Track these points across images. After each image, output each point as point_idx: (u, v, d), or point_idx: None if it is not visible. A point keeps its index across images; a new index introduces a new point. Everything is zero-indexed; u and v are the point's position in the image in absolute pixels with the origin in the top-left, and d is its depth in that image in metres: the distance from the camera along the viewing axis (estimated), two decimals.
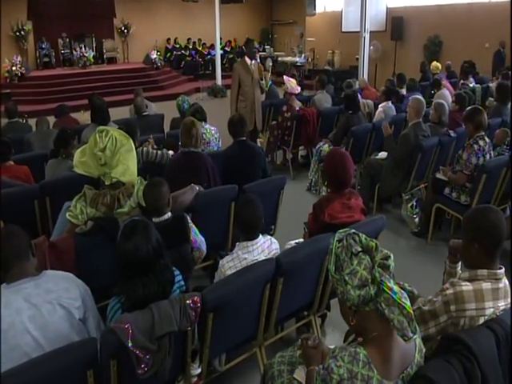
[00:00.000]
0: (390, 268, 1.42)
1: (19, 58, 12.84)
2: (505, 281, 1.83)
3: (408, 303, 1.38)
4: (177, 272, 2.20)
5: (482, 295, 1.76)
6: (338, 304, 1.53)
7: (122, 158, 2.58)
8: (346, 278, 1.40)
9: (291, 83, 6.21)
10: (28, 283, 1.81)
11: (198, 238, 2.66)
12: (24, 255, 1.85)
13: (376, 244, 1.45)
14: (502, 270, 1.84)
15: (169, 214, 2.55)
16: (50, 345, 1.77)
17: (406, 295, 1.41)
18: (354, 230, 1.49)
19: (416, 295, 1.97)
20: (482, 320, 1.75)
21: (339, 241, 1.46)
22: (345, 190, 2.84)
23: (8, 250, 1.81)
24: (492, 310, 1.76)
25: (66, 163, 3.75)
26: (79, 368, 1.72)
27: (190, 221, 2.65)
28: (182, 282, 2.25)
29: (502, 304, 1.79)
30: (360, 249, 1.43)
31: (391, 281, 1.40)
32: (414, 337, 1.38)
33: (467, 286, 1.79)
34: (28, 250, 1.88)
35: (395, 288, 1.39)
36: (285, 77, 6.48)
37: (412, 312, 1.37)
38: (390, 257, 1.44)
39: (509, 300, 1.82)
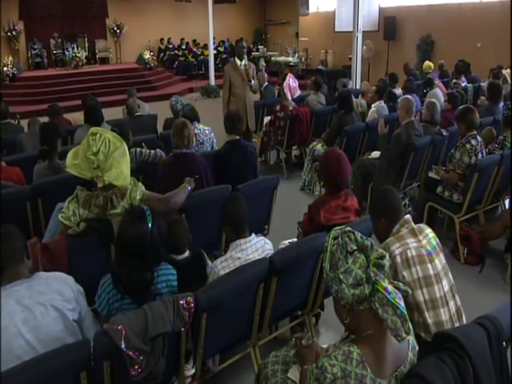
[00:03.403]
0: (385, 268, 1.43)
1: (10, 59, 12.74)
2: (417, 224, 2.17)
3: (402, 303, 1.38)
4: (173, 271, 2.25)
5: (402, 237, 2.10)
6: (333, 302, 1.53)
7: (115, 162, 2.56)
8: (341, 276, 1.40)
9: (290, 89, 6.17)
10: (20, 285, 1.79)
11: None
12: (18, 257, 1.83)
13: (371, 243, 1.45)
14: (408, 216, 2.18)
15: (187, 252, 2.54)
16: (43, 347, 1.75)
17: (400, 295, 1.42)
18: (349, 228, 1.49)
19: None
20: (409, 253, 2.03)
21: (334, 238, 1.46)
22: (341, 192, 2.82)
23: (2, 251, 1.78)
24: (415, 244, 2.07)
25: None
26: (72, 370, 1.71)
27: (206, 256, 2.65)
28: (174, 280, 2.25)
29: (421, 237, 2.11)
30: (355, 247, 1.42)
31: (386, 280, 1.40)
32: (408, 337, 1.39)
33: (389, 238, 2.13)
34: (23, 252, 1.86)
35: (390, 288, 1.39)
36: (287, 79, 6.39)
37: (406, 312, 1.38)
38: (385, 256, 1.44)
39: (427, 232, 2.15)
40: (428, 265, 2.04)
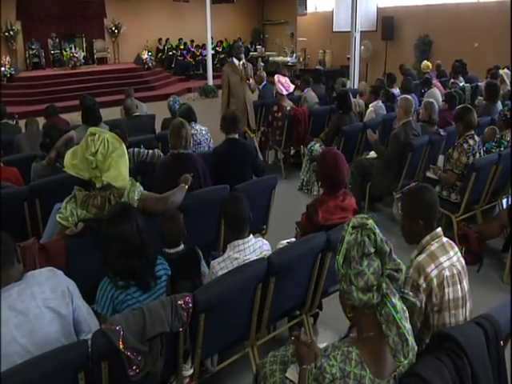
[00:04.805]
0: (399, 282, 1.39)
1: (8, 59, 12.71)
2: (445, 238, 2.06)
3: (408, 325, 1.37)
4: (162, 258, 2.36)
5: (434, 255, 1.96)
6: (330, 302, 1.53)
7: (113, 163, 2.56)
8: (352, 277, 1.37)
9: (282, 84, 6.18)
10: (11, 290, 1.75)
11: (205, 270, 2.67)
12: (8, 262, 1.78)
13: (391, 249, 1.40)
14: (439, 229, 2.05)
15: (182, 245, 2.56)
16: (38, 350, 1.73)
17: (407, 314, 1.40)
18: (371, 222, 1.40)
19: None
20: (444, 274, 1.92)
21: (353, 227, 1.40)
22: (339, 192, 2.82)
23: None
24: (448, 262, 1.97)
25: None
26: (70, 370, 1.71)
27: (200, 253, 2.67)
28: (167, 267, 2.34)
29: (452, 254, 2.01)
30: (373, 250, 1.37)
31: (396, 295, 1.38)
32: (405, 362, 1.37)
33: (421, 256, 1.98)
34: (13, 257, 1.81)
35: (398, 306, 1.36)
36: (276, 78, 6.42)
37: (408, 337, 1.36)
38: (401, 270, 1.40)
39: (456, 249, 2.05)
40: (458, 286, 1.97)
